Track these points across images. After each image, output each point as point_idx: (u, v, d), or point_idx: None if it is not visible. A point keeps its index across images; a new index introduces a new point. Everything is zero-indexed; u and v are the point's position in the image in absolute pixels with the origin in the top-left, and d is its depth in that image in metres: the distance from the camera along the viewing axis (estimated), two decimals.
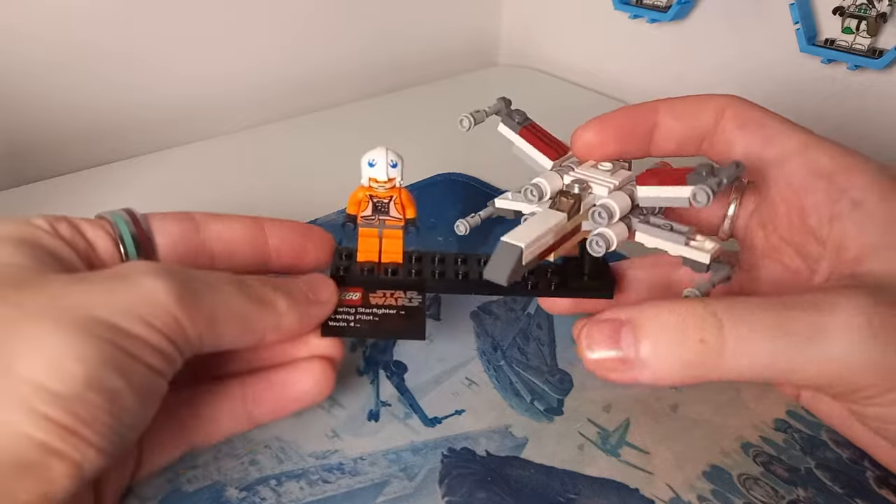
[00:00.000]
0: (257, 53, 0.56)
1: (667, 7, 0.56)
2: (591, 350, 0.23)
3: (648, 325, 0.22)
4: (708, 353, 0.21)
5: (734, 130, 0.26)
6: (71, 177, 0.47)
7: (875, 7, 0.45)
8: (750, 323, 0.21)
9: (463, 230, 0.28)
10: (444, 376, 0.32)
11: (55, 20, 0.46)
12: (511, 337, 0.34)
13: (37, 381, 0.18)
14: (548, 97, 0.63)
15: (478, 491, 0.26)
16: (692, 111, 0.27)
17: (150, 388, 0.21)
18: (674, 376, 0.22)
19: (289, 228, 0.28)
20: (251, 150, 0.52)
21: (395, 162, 0.28)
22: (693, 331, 0.21)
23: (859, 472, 0.28)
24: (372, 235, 0.29)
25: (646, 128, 0.27)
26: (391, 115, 0.58)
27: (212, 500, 0.26)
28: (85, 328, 0.19)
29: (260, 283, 0.25)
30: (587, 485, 0.27)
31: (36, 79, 0.46)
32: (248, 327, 0.24)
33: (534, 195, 0.26)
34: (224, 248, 0.27)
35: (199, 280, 0.23)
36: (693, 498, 0.27)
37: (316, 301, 0.26)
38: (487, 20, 0.72)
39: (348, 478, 0.27)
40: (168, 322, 0.21)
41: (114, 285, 0.21)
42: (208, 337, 0.22)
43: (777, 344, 0.21)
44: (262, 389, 0.27)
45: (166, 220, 0.26)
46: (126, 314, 0.20)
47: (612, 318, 0.23)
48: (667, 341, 0.22)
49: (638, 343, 0.22)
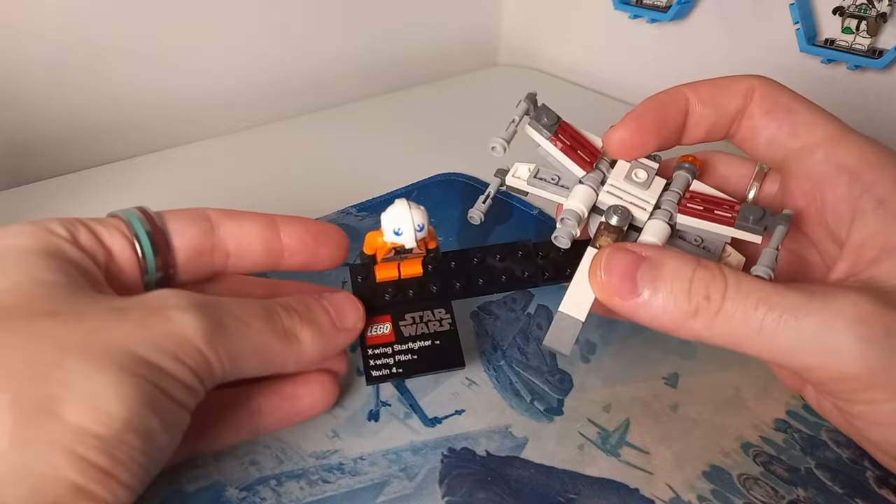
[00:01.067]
0: (258, 53, 0.56)
1: (667, 7, 0.56)
2: (605, 273, 0.23)
3: (666, 267, 0.23)
4: (706, 311, 0.22)
5: (761, 116, 0.26)
6: (71, 177, 0.47)
7: (875, 7, 0.45)
8: (750, 293, 0.22)
9: (478, 219, 0.27)
10: (444, 376, 0.32)
11: (55, 19, 0.46)
12: (511, 337, 0.34)
13: (81, 425, 0.18)
14: (548, 97, 0.63)
15: (478, 491, 0.26)
16: (720, 96, 0.26)
17: (179, 423, 0.21)
18: (668, 324, 0.23)
19: (303, 227, 0.27)
20: (251, 150, 0.52)
21: (422, 225, 0.26)
22: (701, 286, 0.22)
23: (859, 472, 0.28)
24: (391, 266, 0.28)
25: (679, 119, 0.26)
26: (391, 115, 0.58)
27: (212, 500, 0.26)
28: (125, 367, 0.19)
29: (287, 312, 0.25)
30: (587, 485, 0.27)
31: (36, 78, 0.46)
32: (270, 361, 0.24)
33: (570, 221, 0.26)
34: (237, 247, 0.26)
35: (229, 314, 0.23)
36: (693, 498, 0.27)
37: (342, 328, 0.26)
38: (487, 20, 0.72)
39: (348, 478, 0.27)
40: (196, 358, 0.21)
41: (149, 320, 0.21)
42: (231, 370, 0.22)
43: (767, 317, 0.21)
44: (271, 401, 0.27)
45: (182, 220, 0.25)
46: (161, 351, 0.20)
47: (635, 251, 0.23)
48: (676, 290, 0.22)
49: (650, 282, 0.23)
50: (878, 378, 0.21)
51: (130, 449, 0.19)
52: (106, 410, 0.19)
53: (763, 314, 0.21)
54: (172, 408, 0.21)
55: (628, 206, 0.26)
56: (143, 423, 0.19)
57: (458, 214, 0.43)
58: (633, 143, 0.26)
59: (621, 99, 0.62)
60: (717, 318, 0.22)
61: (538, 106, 0.27)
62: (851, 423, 0.24)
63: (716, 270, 0.22)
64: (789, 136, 0.25)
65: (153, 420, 0.20)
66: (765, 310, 0.21)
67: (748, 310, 0.21)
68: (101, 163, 0.49)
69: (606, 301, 0.24)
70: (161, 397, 0.20)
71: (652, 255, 0.23)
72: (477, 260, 0.29)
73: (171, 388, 0.20)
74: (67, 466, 0.18)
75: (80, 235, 0.23)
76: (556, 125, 0.27)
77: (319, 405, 0.27)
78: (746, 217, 0.24)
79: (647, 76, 0.62)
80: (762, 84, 0.26)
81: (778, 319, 0.21)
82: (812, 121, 0.25)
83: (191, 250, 0.25)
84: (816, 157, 0.25)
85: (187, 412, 0.21)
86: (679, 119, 0.26)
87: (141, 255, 0.24)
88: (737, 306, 0.22)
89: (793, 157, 0.25)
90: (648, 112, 0.26)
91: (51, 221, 0.23)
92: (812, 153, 0.25)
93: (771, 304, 0.21)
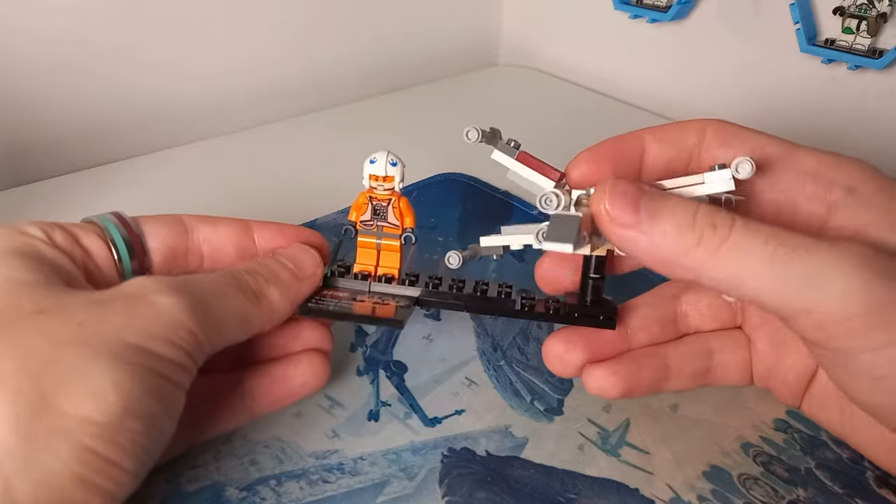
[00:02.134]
0: (258, 53, 0.56)
1: (667, 7, 0.56)
2: (609, 198, 0.23)
3: (670, 200, 0.23)
4: (712, 238, 0.22)
5: (717, 147, 0.26)
6: (71, 177, 0.47)
7: (875, 7, 0.45)
8: (758, 229, 0.22)
9: (455, 262, 0.28)
10: (444, 376, 0.32)
11: (55, 19, 0.46)
12: (511, 337, 0.34)
13: (81, 415, 0.19)
14: (548, 97, 0.63)
15: (478, 491, 0.26)
16: (675, 134, 0.27)
17: (177, 403, 0.22)
18: (668, 253, 0.22)
19: (277, 231, 0.28)
20: (251, 150, 0.52)
21: (395, 161, 0.28)
22: (706, 217, 0.22)
23: (859, 472, 0.28)
24: (370, 247, 0.29)
25: (635, 154, 0.27)
26: (391, 115, 0.58)
27: (212, 500, 0.26)
28: (118, 356, 0.20)
29: (253, 276, 0.26)
30: (587, 485, 0.27)
31: (36, 78, 0.46)
32: (248, 324, 0.25)
33: (550, 202, 0.26)
34: (211, 251, 0.27)
35: (205, 290, 0.23)
36: (693, 498, 0.27)
37: (304, 278, 0.27)
38: (487, 20, 0.72)
39: (348, 478, 0.27)
40: (186, 337, 0.21)
41: (134, 308, 0.21)
42: (217, 342, 0.23)
43: (778, 251, 0.21)
44: (262, 384, 0.27)
45: (157, 224, 0.26)
46: (151, 336, 0.21)
47: (640, 184, 0.23)
48: (679, 218, 0.22)
49: (652, 210, 0.22)
50: (881, 317, 0.21)
51: (132, 434, 0.19)
52: (104, 399, 0.19)
53: (774, 248, 0.21)
54: (169, 389, 0.21)
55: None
56: (143, 407, 0.20)
57: (457, 215, 0.43)
58: (591, 171, 0.27)
59: (621, 99, 0.62)
60: (723, 246, 0.22)
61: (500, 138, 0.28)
62: (851, 389, 0.23)
63: (721, 209, 0.22)
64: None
65: (152, 403, 0.20)
66: (775, 244, 0.21)
67: (756, 243, 0.21)
68: (101, 163, 0.49)
69: (606, 230, 0.23)
70: (157, 380, 0.20)
71: (655, 191, 0.23)
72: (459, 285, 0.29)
73: (165, 369, 0.21)
74: (71, 458, 0.18)
75: (56, 236, 0.23)
76: (518, 147, 0.28)
77: (311, 384, 0.28)
78: (712, 168, 0.24)
79: (646, 76, 0.62)
80: (713, 122, 0.27)
81: (791, 253, 0.21)
82: (764, 142, 0.26)
83: (166, 251, 0.26)
84: (777, 168, 0.25)
85: (183, 391, 0.22)
86: (634, 154, 0.27)
87: (117, 259, 0.25)
88: (745, 238, 0.22)
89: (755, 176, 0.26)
90: (603, 147, 0.27)
91: (25, 224, 0.23)
92: (773, 165, 0.26)
93: (780, 239, 0.21)
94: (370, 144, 0.28)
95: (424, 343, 0.33)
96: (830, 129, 0.51)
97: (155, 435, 0.20)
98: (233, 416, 0.27)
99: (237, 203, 0.37)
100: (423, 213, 0.42)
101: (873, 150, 0.48)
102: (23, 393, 0.18)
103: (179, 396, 0.22)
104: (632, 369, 0.28)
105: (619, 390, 0.27)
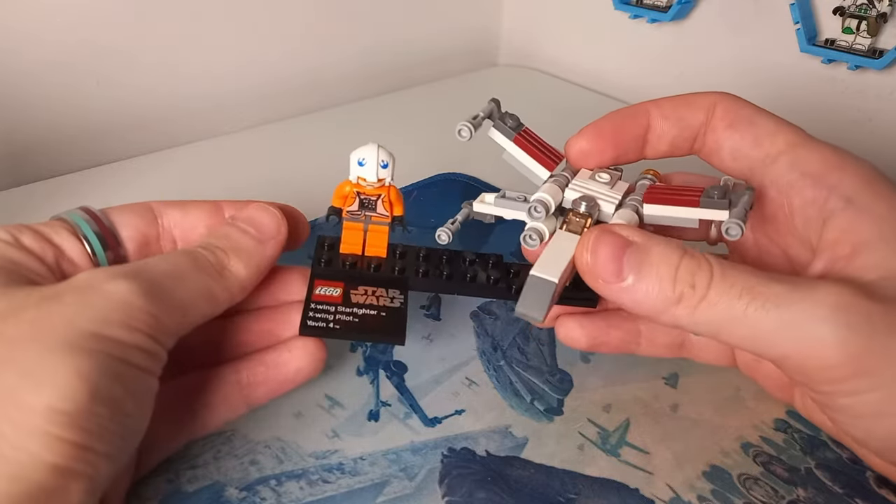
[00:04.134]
0: (258, 53, 0.56)
1: (667, 7, 0.56)
2: (592, 254, 0.23)
3: (653, 253, 0.23)
4: (690, 298, 0.22)
5: (724, 129, 0.26)
6: (71, 177, 0.47)
7: (875, 7, 0.45)
8: (735, 283, 0.22)
9: (446, 239, 0.27)
10: (444, 376, 0.32)
11: (55, 19, 0.45)
12: (511, 337, 0.34)
13: (46, 405, 0.18)
14: (548, 97, 0.63)
15: (478, 491, 0.26)
16: (682, 111, 0.27)
17: (145, 388, 0.21)
18: (650, 309, 0.23)
19: (253, 209, 0.27)
20: (251, 150, 0.52)
21: (386, 162, 0.27)
22: (687, 274, 0.22)
23: (859, 472, 0.28)
24: (357, 229, 0.28)
25: (639, 131, 0.27)
26: (391, 115, 0.58)
27: (212, 500, 0.26)
28: (76, 344, 0.20)
29: (211, 251, 0.25)
30: (587, 485, 0.27)
31: (36, 78, 0.46)
32: (214, 300, 0.24)
33: (539, 212, 0.25)
34: (183, 234, 0.27)
35: (159, 271, 0.23)
36: (693, 498, 0.27)
37: (267, 240, 0.26)
38: (487, 20, 0.72)
39: (348, 478, 0.27)
40: (146, 320, 0.21)
41: (85, 297, 0.21)
42: (183, 321, 0.23)
43: (750, 306, 0.21)
44: (257, 372, 0.27)
45: (126, 213, 0.26)
46: (107, 322, 0.20)
47: (624, 236, 0.23)
48: (662, 276, 0.22)
49: (636, 267, 0.23)
50: (859, 366, 0.21)
51: (100, 419, 0.19)
52: (67, 387, 0.19)
53: (746, 303, 0.21)
54: (134, 374, 0.21)
55: (595, 197, 0.26)
56: (107, 392, 0.20)
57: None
58: (592, 149, 0.27)
59: (621, 99, 0.62)
60: (700, 305, 0.22)
61: (502, 111, 0.27)
62: (835, 421, 0.24)
63: (702, 259, 0.22)
64: (752, 147, 0.26)
65: (117, 388, 0.20)
66: (748, 298, 0.21)
67: (732, 298, 0.22)
68: (101, 163, 0.49)
69: (591, 283, 0.24)
70: (120, 365, 0.20)
71: (640, 240, 0.23)
72: (445, 258, 0.29)
73: (128, 355, 0.21)
74: (42, 448, 0.18)
75: (24, 238, 0.23)
76: (519, 127, 0.27)
77: (306, 370, 0.27)
78: (710, 194, 0.24)
79: (647, 76, 0.62)
80: (723, 99, 0.26)
81: (760, 308, 0.21)
82: (773, 130, 0.26)
83: (139, 239, 0.26)
84: (780, 165, 0.25)
85: (152, 375, 0.22)
86: (638, 131, 0.27)
87: (91, 253, 0.25)
88: (721, 295, 0.22)
89: (757, 167, 0.26)
90: (608, 122, 0.27)
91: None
92: (775, 161, 0.25)
93: (755, 293, 0.21)
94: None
95: (424, 343, 0.33)
96: (830, 129, 0.50)
97: (124, 419, 0.20)
98: (230, 407, 0.27)
99: None
100: (423, 213, 0.42)
101: (873, 151, 0.48)
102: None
103: (146, 379, 0.21)
104: (601, 326, 0.29)
105: (584, 343, 0.29)
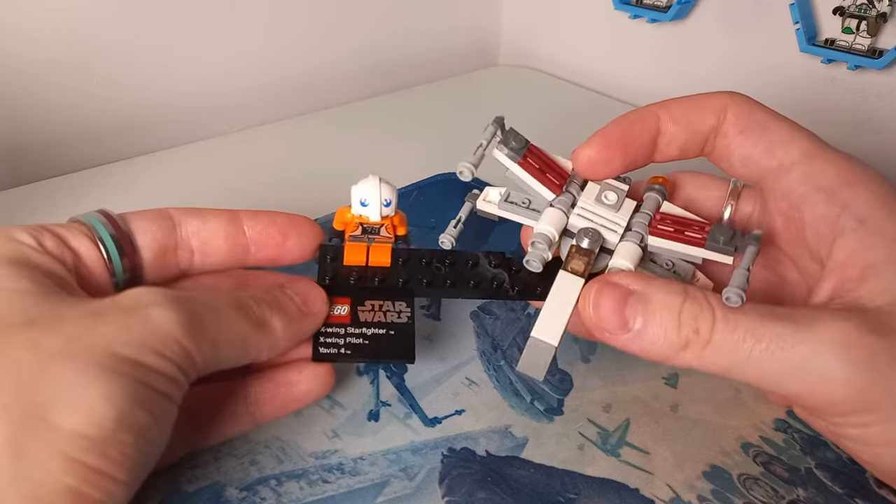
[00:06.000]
0: (257, 53, 0.56)
1: (667, 7, 0.56)
2: (595, 308, 0.23)
3: (655, 301, 0.23)
4: (695, 343, 0.22)
5: (735, 135, 0.25)
6: (71, 177, 0.47)
7: (875, 7, 0.45)
8: (737, 325, 0.22)
9: (449, 245, 0.27)
10: (444, 376, 0.32)
11: (55, 20, 0.45)
12: (511, 337, 0.34)
13: (73, 428, 0.18)
14: (548, 97, 0.63)
15: (478, 491, 0.26)
16: (692, 114, 0.26)
17: (168, 415, 0.21)
18: (658, 356, 0.23)
19: (268, 220, 0.27)
20: (251, 150, 0.52)
21: (389, 200, 0.27)
22: (690, 319, 0.22)
23: (859, 472, 0.28)
24: (360, 246, 0.28)
25: (648, 137, 0.26)
26: (391, 115, 0.58)
27: (212, 500, 0.26)
28: (109, 367, 0.19)
29: (257, 303, 0.25)
30: (587, 485, 0.27)
31: (36, 78, 0.46)
32: (246, 349, 0.24)
33: (542, 245, 0.25)
34: (201, 244, 0.27)
35: (204, 306, 0.23)
36: (693, 498, 0.27)
37: (308, 313, 0.26)
38: (487, 20, 0.72)
39: (348, 478, 0.27)
40: (178, 351, 0.21)
41: (128, 320, 0.21)
42: (211, 361, 0.23)
43: (755, 348, 0.21)
44: (266, 390, 0.27)
45: (144, 219, 0.26)
46: (143, 348, 0.20)
47: (624, 285, 0.23)
48: (665, 323, 0.22)
49: (640, 316, 0.23)
50: (866, 401, 0.21)
51: (123, 446, 0.19)
52: (95, 412, 0.19)
53: (751, 346, 0.21)
54: (160, 401, 0.21)
55: (599, 229, 0.26)
56: (134, 419, 0.20)
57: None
58: (600, 160, 0.26)
59: (621, 99, 0.62)
60: (706, 349, 0.22)
61: (506, 130, 0.27)
62: (845, 447, 0.24)
63: (704, 303, 0.22)
64: (764, 155, 0.25)
65: (143, 416, 0.20)
66: (752, 341, 0.21)
67: (736, 342, 0.22)
68: (101, 163, 0.49)
69: (597, 336, 0.24)
70: (148, 392, 0.20)
71: (640, 288, 0.23)
72: (448, 262, 0.28)
73: (156, 382, 0.20)
74: (62, 471, 0.18)
75: (46, 241, 0.23)
76: (524, 148, 0.27)
77: (315, 391, 0.27)
78: (717, 238, 0.24)
79: (646, 76, 0.62)
80: (735, 101, 0.26)
81: (765, 350, 0.21)
82: (787, 138, 0.25)
83: (155, 249, 0.26)
84: (793, 177, 0.24)
85: (174, 404, 0.22)
86: (647, 137, 0.26)
87: (107, 258, 0.24)
88: (725, 339, 0.22)
89: (769, 176, 0.25)
90: (615, 130, 0.26)
91: (14, 229, 0.23)
92: (789, 172, 0.25)
93: (758, 335, 0.21)
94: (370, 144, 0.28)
95: (424, 343, 0.33)
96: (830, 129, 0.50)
97: (146, 447, 0.20)
98: (236, 422, 0.27)
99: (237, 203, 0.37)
100: (423, 213, 0.42)
101: (873, 150, 0.48)
102: (11, 407, 0.18)
103: (170, 408, 0.21)
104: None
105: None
